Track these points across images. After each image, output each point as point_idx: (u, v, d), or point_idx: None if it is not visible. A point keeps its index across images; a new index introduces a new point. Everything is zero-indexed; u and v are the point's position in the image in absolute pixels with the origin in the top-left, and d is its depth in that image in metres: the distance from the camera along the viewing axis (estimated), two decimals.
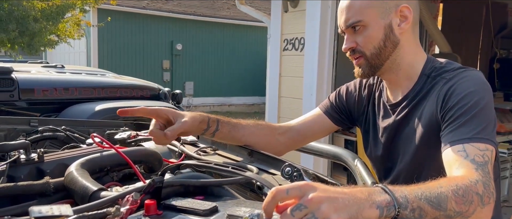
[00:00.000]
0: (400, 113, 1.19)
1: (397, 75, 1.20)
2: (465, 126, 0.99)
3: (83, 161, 0.97)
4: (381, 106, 1.28)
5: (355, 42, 1.16)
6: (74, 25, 9.57)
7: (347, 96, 1.38)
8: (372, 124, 1.31)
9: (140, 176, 0.95)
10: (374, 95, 1.32)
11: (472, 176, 0.88)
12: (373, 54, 1.15)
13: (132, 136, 1.46)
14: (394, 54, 1.16)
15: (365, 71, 1.18)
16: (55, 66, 4.00)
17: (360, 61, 1.17)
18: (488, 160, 0.94)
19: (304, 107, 4.03)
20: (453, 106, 1.03)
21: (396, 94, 1.23)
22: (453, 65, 1.14)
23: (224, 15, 13.74)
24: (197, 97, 13.19)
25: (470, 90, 1.03)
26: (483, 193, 0.85)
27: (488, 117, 1.01)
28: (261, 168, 1.08)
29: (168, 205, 0.80)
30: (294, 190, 0.66)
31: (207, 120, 1.20)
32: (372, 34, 1.13)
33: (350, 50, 1.18)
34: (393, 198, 0.72)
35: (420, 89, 1.16)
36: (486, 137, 0.97)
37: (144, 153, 1.07)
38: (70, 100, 3.14)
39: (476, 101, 1.01)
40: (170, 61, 12.87)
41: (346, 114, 1.38)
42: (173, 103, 3.83)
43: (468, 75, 1.08)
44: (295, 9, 4.07)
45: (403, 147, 1.19)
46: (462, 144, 0.96)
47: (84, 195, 0.84)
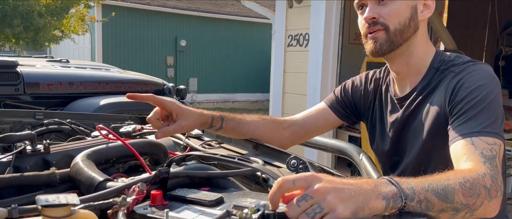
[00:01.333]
0: (408, 107, 1.18)
1: (408, 65, 1.17)
2: (473, 119, 0.98)
3: (89, 152, 0.97)
4: (388, 100, 1.27)
5: (379, 14, 1.11)
6: (78, 20, 9.59)
7: (353, 90, 1.37)
8: (379, 119, 1.30)
9: (146, 167, 0.95)
10: (381, 90, 1.31)
11: (480, 169, 0.88)
12: (396, 30, 1.11)
13: (137, 129, 1.47)
14: (411, 39, 1.14)
15: (383, 47, 1.12)
16: (60, 60, 4.01)
17: (379, 34, 1.11)
18: (496, 154, 0.93)
19: (308, 103, 4.02)
20: (462, 99, 1.02)
21: (404, 87, 1.22)
22: (462, 59, 1.13)
23: (228, 12, 13.73)
24: (201, 94, 13.19)
25: (479, 84, 1.02)
26: (490, 186, 0.85)
27: (496, 111, 1.00)
28: (266, 161, 1.08)
29: (174, 195, 0.80)
30: (300, 180, 0.66)
31: (210, 121, 1.21)
32: (400, 9, 1.10)
33: (372, 21, 1.12)
34: (399, 190, 0.71)
35: (429, 82, 1.15)
36: (495, 131, 0.97)
37: (150, 145, 1.07)
38: (75, 95, 3.15)
39: (485, 95, 1.00)
40: (174, 57, 12.88)
41: (352, 108, 1.37)
42: (177, 99, 3.83)
43: (477, 68, 1.07)
44: (299, 5, 4.06)
45: (411, 141, 1.18)
46: (471, 137, 0.96)
47: (90, 185, 0.84)
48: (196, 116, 1.17)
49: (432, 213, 0.76)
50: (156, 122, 1.14)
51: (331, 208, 0.64)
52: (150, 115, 1.14)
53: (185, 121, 1.13)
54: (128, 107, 2.90)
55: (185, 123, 1.13)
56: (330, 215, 0.63)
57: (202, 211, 0.74)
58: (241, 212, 0.65)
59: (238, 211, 0.66)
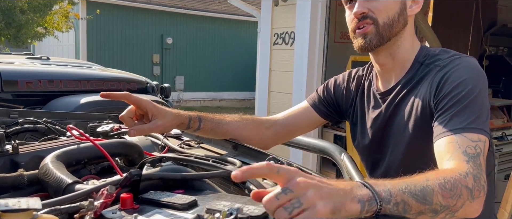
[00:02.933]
0: (392, 101, 1.16)
1: (393, 59, 1.16)
2: (458, 115, 0.96)
3: (59, 153, 0.93)
4: (371, 96, 1.25)
5: (368, 8, 1.09)
6: (62, 17, 9.44)
7: (335, 88, 1.35)
8: (360, 115, 1.28)
9: (117, 168, 0.91)
10: (363, 86, 1.29)
11: (463, 168, 0.86)
12: (385, 24, 1.09)
13: (115, 128, 1.43)
14: (400, 34, 1.13)
15: (373, 42, 1.10)
16: (40, 58, 3.92)
17: (369, 29, 1.10)
18: (480, 152, 0.91)
19: (294, 102, 4.01)
20: (447, 94, 1.00)
21: (388, 82, 1.20)
22: (447, 53, 1.11)
23: (215, 9, 13.66)
24: (188, 92, 13.11)
25: (464, 78, 1.01)
26: (473, 186, 0.83)
27: (481, 106, 0.99)
28: (245, 161, 1.06)
29: (146, 199, 0.77)
30: (284, 170, 0.64)
31: (187, 122, 1.17)
32: (389, 4, 1.09)
33: (361, 16, 1.10)
34: (373, 193, 0.70)
35: (413, 76, 1.13)
36: (479, 127, 0.95)
37: (124, 145, 1.03)
38: (54, 93, 3.08)
39: (470, 90, 0.99)
40: (160, 55, 12.77)
41: (334, 107, 1.35)
42: (162, 97, 3.78)
43: (462, 62, 1.05)
44: (285, 3, 4.04)
45: (394, 137, 1.16)
46: (454, 134, 0.94)
47: (58, 188, 0.80)
48: (172, 116, 1.13)
49: (410, 216, 0.75)
50: (129, 120, 1.10)
51: (311, 204, 0.62)
52: (123, 113, 1.10)
53: (161, 121, 1.10)
54: (109, 106, 2.84)
55: (161, 123, 1.10)
56: (310, 211, 0.62)
57: (173, 215, 0.71)
58: (212, 216, 0.63)
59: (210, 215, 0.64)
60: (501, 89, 5.15)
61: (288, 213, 0.61)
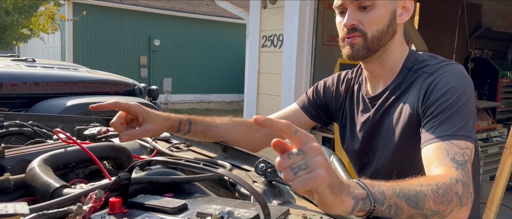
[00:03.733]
0: (380, 106, 1.17)
1: (383, 67, 1.16)
2: (445, 122, 0.97)
3: (46, 157, 0.91)
4: (360, 100, 1.26)
5: (358, 20, 1.10)
6: (48, 18, 9.32)
7: (325, 91, 1.36)
8: (350, 118, 1.28)
9: (106, 172, 0.90)
10: (352, 89, 1.29)
11: (452, 175, 0.87)
12: (374, 37, 1.10)
13: (102, 131, 1.41)
14: (389, 44, 1.13)
15: (360, 53, 1.11)
16: (26, 60, 3.86)
17: (357, 40, 1.11)
18: (468, 159, 0.92)
19: (282, 104, 4.02)
20: (435, 101, 1.01)
21: (377, 86, 1.21)
22: (435, 59, 1.12)
23: (203, 11, 13.63)
24: (176, 94, 13.04)
25: (451, 85, 1.02)
26: (462, 193, 0.84)
27: (468, 113, 0.99)
28: (235, 164, 1.05)
29: (135, 203, 0.76)
30: (301, 133, 0.66)
31: (177, 125, 1.17)
32: (379, 16, 1.09)
33: (351, 28, 1.10)
34: (368, 193, 0.71)
35: (401, 82, 1.14)
36: (467, 134, 0.96)
37: (112, 149, 1.02)
38: (40, 95, 3.03)
39: (457, 97, 1.00)
40: (147, 57, 12.69)
41: (324, 109, 1.36)
42: (149, 100, 3.75)
43: (450, 69, 1.06)
44: (273, 6, 4.05)
45: (382, 142, 1.17)
46: (443, 141, 0.95)
47: (45, 192, 0.79)
48: (162, 119, 1.13)
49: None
50: (120, 126, 1.09)
51: (315, 168, 0.63)
52: (113, 119, 1.09)
53: (151, 125, 1.10)
54: None
55: (151, 127, 1.10)
56: (311, 174, 0.63)
57: None
58: None
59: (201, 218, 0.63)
60: (486, 92, 5.23)
61: (293, 174, 0.63)
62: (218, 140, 1.23)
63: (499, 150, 4.08)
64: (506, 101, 5.27)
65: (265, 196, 0.85)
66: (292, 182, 0.64)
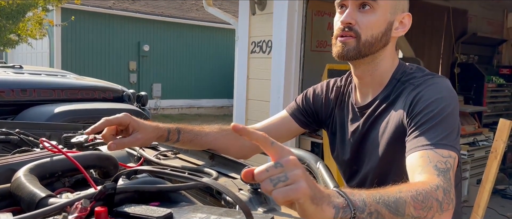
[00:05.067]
0: (369, 116, 1.19)
1: (372, 76, 1.18)
2: (429, 132, 0.99)
3: (31, 166, 0.91)
4: (349, 108, 1.27)
5: (355, 20, 1.11)
6: (36, 24, 9.23)
7: (314, 98, 1.37)
8: (340, 126, 1.30)
9: (91, 181, 0.90)
10: (342, 97, 1.31)
11: (433, 181, 0.88)
12: (367, 41, 1.11)
13: (89, 139, 1.41)
14: (379, 52, 1.15)
15: (350, 54, 1.12)
16: (13, 66, 3.83)
17: (350, 40, 1.12)
18: (450, 167, 0.94)
19: (271, 109, 4.03)
20: (420, 112, 1.03)
21: (366, 96, 1.22)
22: (422, 72, 1.15)
23: (192, 17, 13.63)
24: (165, 100, 12.99)
25: (436, 97, 1.04)
26: (442, 199, 0.86)
27: (452, 124, 1.02)
28: (222, 172, 1.06)
29: (120, 212, 0.77)
30: (277, 145, 0.69)
31: (166, 134, 1.18)
32: (376, 22, 1.11)
33: (347, 26, 1.12)
34: (348, 201, 0.72)
35: (389, 93, 1.16)
36: (450, 144, 0.98)
37: (98, 157, 1.02)
38: (28, 102, 3.01)
39: (442, 108, 1.02)
40: (137, 62, 12.63)
41: (313, 117, 1.37)
42: (138, 106, 3.74)
43: (436, 82, 1.09)
44: (262, 12, 4.07)
45: (369, 150, 1.19)
46: (426, 150, 0.97)
47: (31, 202, 0.79)
48: (151, 129, 1.14)
49: None
50: (110, 137, 1.10)
51: (295, 181, 0.65)
52: (104, 132, 1.09)
53: (140, 134, 1.11)
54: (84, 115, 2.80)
55: (140, 136, 1.10)
56: (292, 186, 0.65)
57: None
58: None
59: None
60: (472, 96, 5.30)
61: (272, 185, 0.65)
62: (207, 149, 1.24)
63: (485, 154, 4.13)
64: (492, 105, 5.35)
65: (251, 203, 0.86)
66: (272, 192, 0.65)
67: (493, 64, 6.01)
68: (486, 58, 6.10)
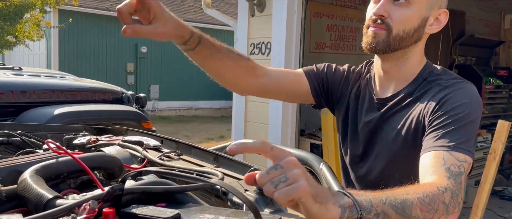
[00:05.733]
0: (389, 110, 1.16)
1: (399, 70, 1.15)
2: (450, 134, 0.98)
3: (37, 168, 0.91)
4: (366, 98, 1.23)
5: (388, 13, 1.08)
6: (33, 26, 9.22)
7: (335, 74, 1.30)
8: (352, 113, 1.25)
9: (98, 183, 0.91)
10: (359, 84, 1.27)
11: (442, 183, 0.88)
12: (398, 36, 1.08)
13: (92, 140, 1.41)
14: (409, 48, 1.12)
15: (379, 46, 1.09)
16: (12, 68, 3.82)
17: (381, 33, 1.09)
18: (463, 171, 0.93)
19: (270, 110, 4.04)
20: (445, 113, 1.02)
21: (386, 89, 1.19)
22: (450, 74, 1.14)
23: (191, 18, 13.61)
24: (163, 101, 12.98)
25: (464, 101, 1.03)
26: (449, 202, 0.85)
27: (473, 131, 1.01)
28: (226, 173, 1.06)
29: (128, 213, 0.77)
30: (277, 149, 0.70)
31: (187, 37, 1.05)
32: (410, 17, 1.08)
33: (379, 17, 1.08)
34: (354, 202, 0.73)
35: (414, 90, 1.13)
36: (468, 149, 0.97)
37: (103, 159, 1.02)
38: (27, 104, 3.01)
39: (467, 114, 1.01)
40: (134, 64, 12.62)
41: (326, 90, 1.30)
42: (137, 107, 3.74)
43: (465, 86, 1.08)
44: (261, 14, 4.08)
45: (381, 144, 1.17)
46: (443, 151, 0.95)
47: (38, 203, 0.79)
48: (175, 24, 1.00)
49: None
50: (127, 15, 0.93)
51: (295, 180, 0.65)
52: (121, 5, 0.93)
53: (162, 26, 0.97)
54: (84, 117, 2.80)
55: (161, 29, 0.97)
56: (293, 185, 0.65)
57: None
58: None
59: None
60: None
61: (274, 187, 0.65)
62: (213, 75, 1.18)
63: (484, 155, 4.15)
64: (489, 107, 5.37)
65: (257, 204, 0.86)
66: (273, 194, 0.66)
67: (491, 65, 6.03)
68: (483, 60, 6.13)
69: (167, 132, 8.81)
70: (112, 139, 1.47)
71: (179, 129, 9.94)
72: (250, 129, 4.29)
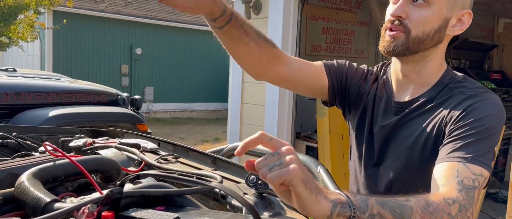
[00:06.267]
0: (407, 115, 1.11)
1: (418, 74, 1.10)
2: (470, 146, 0.94)
3: (35, 170, 0.91)
4: (383, 100, 1.18)
5: (407, 14, 1.03)
6: (27, 27, 9.16)
7: (355, 73, 1.24)
8: (369, 116, 1.20)
9: (97, 186, 0.90)
10: (376, 85, 1.22)
11: (451, 196, 0.85)
12: (417, 38, 1.03)
13: (88, 143, 1.41)
14: (430, 51, 1.07)
15: (397, 49, 1.05)
16: (6, 69, 3.80)
17: (399, 35, 1.04)
18: (477, 185, 0.90)
19: (266, 113, 4.04)
20: (467, 123, 0.97)
21: (404, 93, 1.14)
22: (473, 83, 1.09)
23: (185, 20, 13.60)
24: (157, 103, 12.94)
25: (490, 113, 0.99)
26: (456, 215, 0.83)
27: (493, 144, 0.97)
28: (225, 177, 1.06)
29: (127, 216, 0.77)
30: (276, 140, 0.73)
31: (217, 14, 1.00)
32: (430, 18, 1.03)
33: (397, 19, 1.04)
34: (348, 200, 0.73)
35: (435, 96, 1.08)
36: (486, 162, 0.93)
37: (101, 162, 1.02)
38: (22, 106, 2.99)
39: (490, 126, 0.97)
40: (129, 65, 12.58)
41: (343, 88, 1.24)
42: (132, 109, 3.73)
43: (491, 97, 1.03)
44: (257, 16, 4.08)
45: (397, 149, 1.12)
46: (459, 162, 0.92)
47: (36, 207, 0.79)
48: None
49: None
50: None
51: (288, 164, 0.69)
52: None
53: None
54: (79, 119, 2.78)
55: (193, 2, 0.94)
56: (285, 168, 0.69)
57: None
58: None
59: None
60: None
61: (268, 170, 0.70)
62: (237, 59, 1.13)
63: None
64: None
65: (256, 208, 0.86)
66: (266, 177, 0.70)
67: (484, 69, 6.08)
68: (477, 63, 6.17)
69: (161, 134, 8.78)
70: (109, 142, 1.46)
71: (173, 131, 9.91)
72: (245, 131, 4.29)
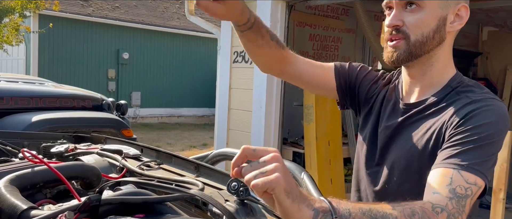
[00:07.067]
0: (412, 116, 1.11)
1: (423, 76, 1.10)
2: (467, 153, 0.93)
3: (12, 177, 0.89)
4: (391, 102, 1.18)
5: (402, 21, 1.05)
6: (12, 30, 9.04)
7: (367, 75, 1.26)
8: (375, 116, 1.21)
9: (75, 193, 0.89)
10: (387, 88, 1.22)
11: (440, 204, 0.84)
12: (417, 41, 1.04)
13: (70, 149, 1.39)
14: (434, 51, 1.07)
15: (401, 57, 1.06)
16: None
17: (400, 44, 1.05)
18: (470, 194, 0.88)
19: (253, 119, 4.03)
20: (467, 130, 0.96)
21: (411, 94, 1.14)
22: (481, 89, 1.07)
23: (174, 25, 13.57)
24: (144, 108, 12.86)
25: (491, 120, 0.96)
26: None
27: (493, 153, 0.96)
28: (207, 183, 1.05)
29: None
30: (260, 150, 0.76)
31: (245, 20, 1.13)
32: (425, 19, 1.04)
33: (394, 29, 1.05)
34: (330, 207, 0.74)
35: (441, 99, 1.07)
36: (481, 171, 0.91)
37: (80, 168, 1.00)
38: (4, 111, 2.94)
39: (491, 134, 0.95)
40: (116, 70, 12.49)
41: (352, 90, 1.26)
42: (117, 115, 3.69)
43: (496, 104, 1.00)
44: None
45: (398, 150, 1.11)
46: (453, 169, 0.90)
47: (12, 214, 0.77)
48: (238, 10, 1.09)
49: None
50: None
51: (272, 172, 0.72)
52: None
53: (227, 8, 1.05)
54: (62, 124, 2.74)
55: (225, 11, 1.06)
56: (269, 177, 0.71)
57: None
58: None
59: None
60: None
61: (253, 177, 0.72)
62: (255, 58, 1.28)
63: None
64: None
65: (237, 215, 0.85)
66: (251, 184, 0.72)
67: (469, 76, 6.14)
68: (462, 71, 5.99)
69: (149, 139, 8.71)
70: (91, 147, 1.45)
71: (161, 136, 9.84)
72: (232, 137, 4.28)
